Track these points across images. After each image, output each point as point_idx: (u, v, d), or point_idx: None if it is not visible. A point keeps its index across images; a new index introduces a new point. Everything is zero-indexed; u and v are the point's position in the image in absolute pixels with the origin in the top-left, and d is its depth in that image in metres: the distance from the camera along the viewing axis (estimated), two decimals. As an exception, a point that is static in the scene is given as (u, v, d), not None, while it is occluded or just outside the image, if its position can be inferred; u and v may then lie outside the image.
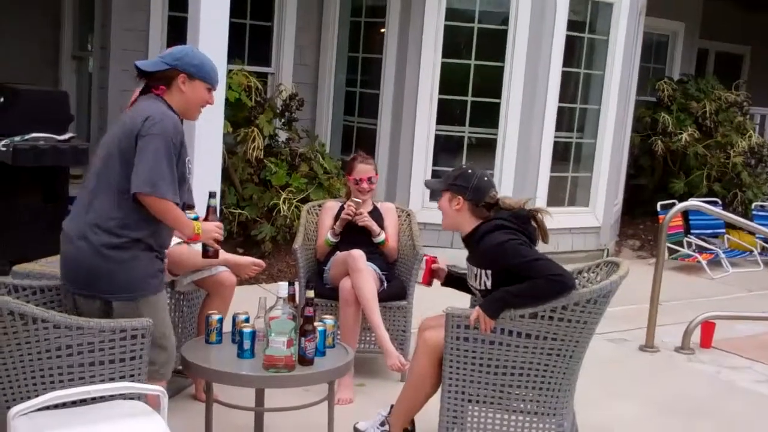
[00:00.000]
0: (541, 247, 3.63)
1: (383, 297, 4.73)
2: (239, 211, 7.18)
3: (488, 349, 3.45)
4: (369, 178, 4.94)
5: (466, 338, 3.46)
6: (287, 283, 3.46)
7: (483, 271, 3.57)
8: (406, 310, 4.84)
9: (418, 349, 3.72)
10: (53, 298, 3.47)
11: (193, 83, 3.33)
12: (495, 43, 7.92)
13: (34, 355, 2.87)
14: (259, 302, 3.64)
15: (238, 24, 8.35)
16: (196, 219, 4.27)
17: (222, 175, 7.01)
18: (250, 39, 8.55)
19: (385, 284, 4.81)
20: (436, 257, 4.03)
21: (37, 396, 2.85)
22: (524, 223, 3.58)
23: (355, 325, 4.55)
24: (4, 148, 5.61)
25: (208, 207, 3.49)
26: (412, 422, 3.86)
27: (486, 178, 3.69)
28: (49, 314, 2.85)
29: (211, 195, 3.51)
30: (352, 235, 4.86)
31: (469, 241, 3.66)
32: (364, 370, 4.76)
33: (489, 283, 3.55)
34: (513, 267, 3.43)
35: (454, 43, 8.01)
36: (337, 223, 4.88)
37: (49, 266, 4.20)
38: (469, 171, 3.68)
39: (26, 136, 5.71)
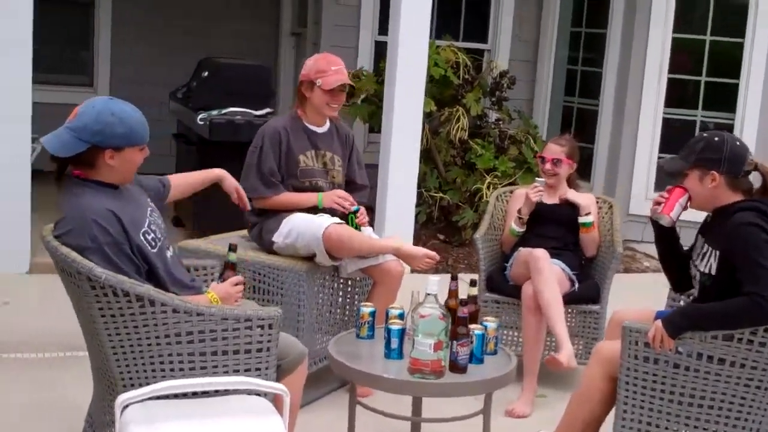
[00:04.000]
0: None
1: (572, 299, 4.23)
2: (440, 194, 6.86)
3: (672, 373, 2.88)
4: (554, 160, 4.40)
5: (646, 358, 2.91)
6: (437, 278, 3.05)
7: (714, 252, 2.96)
8: (598, 315, 4.29)
9: (591, 357, 3.22)
10: (204, 277, 3.33)
11: (123, 153, 2.71)
12: (733, 16, 7.08)
13: (152, 339, 2.67)
14: (411, 297, 3.29)
15: (455, -2, 8.06)
16: (357, 211, 4.02)
17: (424, 157, 6.75)
18: (466, 14, 8.19)
19: (577, 285, 4.29)
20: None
21: (155, 382, 2.69)
22: None
23: (538, 335, 4.08)
24: (202, 122, 5.63)
25: (226, 263, 3.06)
26: None
27: (738, 143, 3.01)
28: (167, 297, 2.64)
29: (231, 248, 3.06)
30: (542, 224, 4.36)
31: (718, 214, 3.01)
32: (549, 379, 4.27)
33: (714, 268, 2.95)
34: (739, 257, 2.81)
35: (686, 15, 7.25)
36: (523, 208, 4.39)
37: (218, 244, 4.08)
38: (716, 138, 2.99)
39: (223, 111, 5.70)
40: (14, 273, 5.24)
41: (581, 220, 4.34)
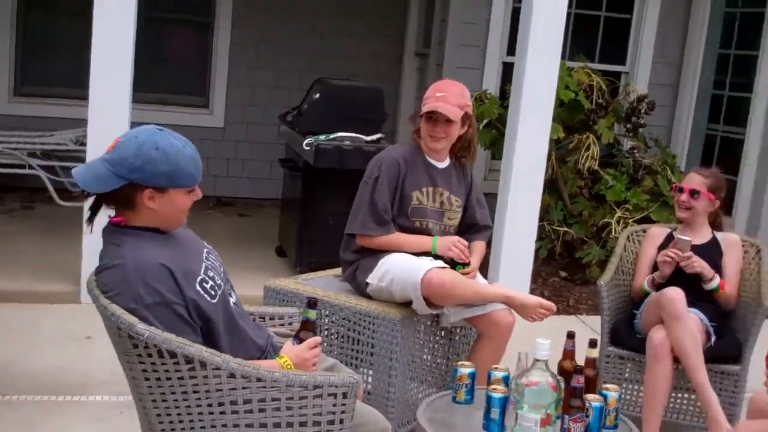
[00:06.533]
0: None
1: (708, 357, 3.64)
2: (565, 228, 6.30)
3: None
4: (691, 191, 3.84)
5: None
6: (548, 342, 2.58)
7: None
8: (737, 377, 3.69)
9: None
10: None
11: (166, 195, 2.31)
12: None
13: (204, 407, 2.31)
14: (518, 359, 2.82)
15: (592, 16, 7.49)
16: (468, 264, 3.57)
17: (548, 187, 6.24)
18: (604, 34, 7.60)
19: (713, 339, 3.70)
20: None
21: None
22: None
23: (664, 388, 3.53)
24: (307, 147, 5.31)
25: (303, 321, 2.58)
26: None
27: None
28: (221, 359, 2.27)
29: (310, 304, 2.58)
30: (676, 278, 3.79)
31: None
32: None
33: None
34: None
35: None
36: (657, 273, 3.85)
37: (308, 285, 3.72)
38: None
39: (332, 135, 5.35)
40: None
41: (706, 287, 3.78)
